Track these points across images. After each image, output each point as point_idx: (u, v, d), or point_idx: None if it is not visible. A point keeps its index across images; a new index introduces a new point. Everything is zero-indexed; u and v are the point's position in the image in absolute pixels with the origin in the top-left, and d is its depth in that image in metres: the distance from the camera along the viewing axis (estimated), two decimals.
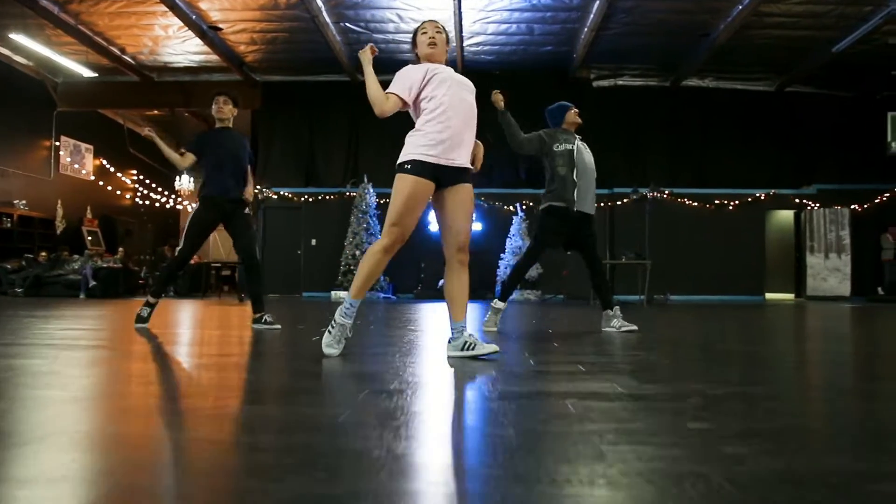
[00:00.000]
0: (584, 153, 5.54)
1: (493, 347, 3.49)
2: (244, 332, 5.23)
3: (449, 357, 3.54)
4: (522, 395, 2.46)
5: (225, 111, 5.65)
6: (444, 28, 3.85)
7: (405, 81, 3.58)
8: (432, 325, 6.38)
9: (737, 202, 15.70)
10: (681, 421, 2.04)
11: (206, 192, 5.56)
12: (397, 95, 3.55)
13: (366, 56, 3.69)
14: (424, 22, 3.87)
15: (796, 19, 12.77)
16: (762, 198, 15.75)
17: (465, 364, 3.29)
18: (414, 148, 3.51)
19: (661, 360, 3.71)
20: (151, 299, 5.45)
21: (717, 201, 15.69)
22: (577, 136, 5.64)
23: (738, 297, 15.03)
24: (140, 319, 5.36)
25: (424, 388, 2.65)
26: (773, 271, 16.20)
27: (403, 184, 3.48)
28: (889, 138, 14.19)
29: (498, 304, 5.58)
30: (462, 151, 3.57)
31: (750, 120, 16.21)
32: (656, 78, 16.15)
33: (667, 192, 15.07)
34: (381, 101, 3.53)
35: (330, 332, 3.55)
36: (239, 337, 4.87)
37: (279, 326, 5.35)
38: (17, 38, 12.64)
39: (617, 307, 5.50)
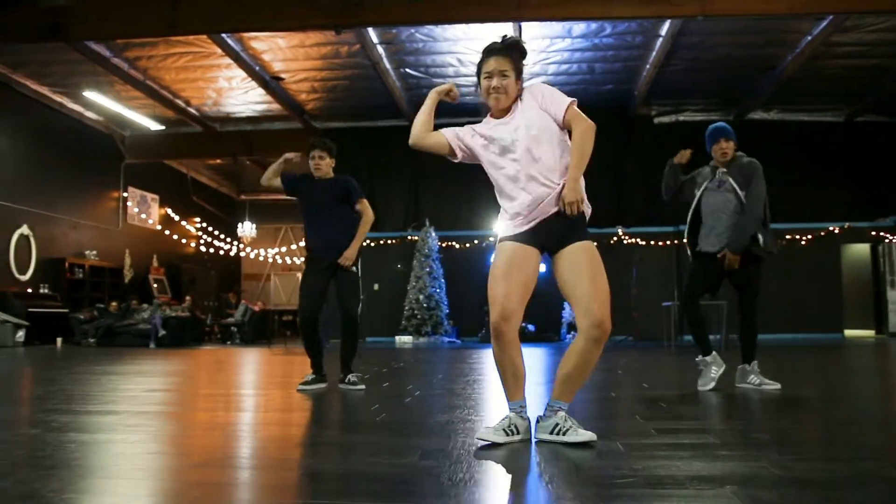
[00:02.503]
0: (713, 193, 5.00)
1: (590, 435, 2.82)
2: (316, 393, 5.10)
3: (537, 440, 2.97)
4: (663, 481, 2.25)
5: (322, 167, 5.19)
6: (513, 56, 3.06)
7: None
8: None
9: (809, 237, 15.17)
10: None
11: (307, 245, 5.31)
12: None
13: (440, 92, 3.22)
14: (486, 59, 3.07)
15: (868, 48, 12.40)
16: (836, 231, 15.19)
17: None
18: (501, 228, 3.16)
19: (802, 429, 3.44)
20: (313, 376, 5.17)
21: (787, 236, 15.18)
22: (721, 171, 5.00)
23: (816, 334, 14.43)
24: (304, 382, 5.11)
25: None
26: (850, 307, 15.54)
27: (494, 255, 3.12)
28: None
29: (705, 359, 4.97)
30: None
31: (819, 152, 15.71)
32: (719, 112, 15.83)
33: None
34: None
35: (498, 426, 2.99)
36: (306, 398, 4.74)
37: (363, 387, 5.10)
38: (90, 94, 13.01)
39: (755, 362, 4.96)
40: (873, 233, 15.20)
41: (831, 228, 15.19)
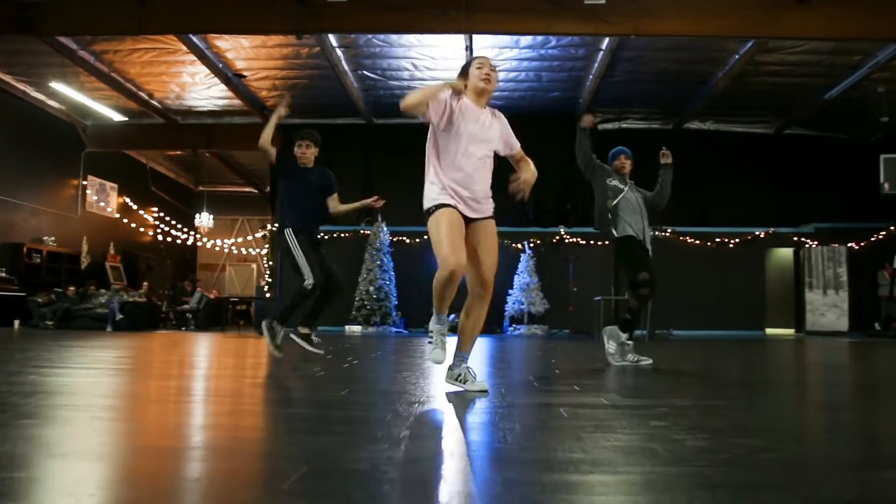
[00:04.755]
0: (633, 194, 6.21)
1: (483, 386, 3.69)
2: (262, 360, 5.79)
3: (446, 381, 3.80)
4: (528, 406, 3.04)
5: (308, 155, 5.76)
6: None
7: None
8: None
9: (737, 240, 16.29)
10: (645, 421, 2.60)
11: (290, 222, 5.64)
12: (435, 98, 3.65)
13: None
14: (481, 56, 3.96)
15: (791, 67, 13.48)
16: (762, 236, 16.34)
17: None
18: (430, 198, 3.77)
19: (648, 382, 4.28)
20: (277, 326, 5.51)
21: (717, 239, 16.27)
22: (631, 182, 6.32)
23: (739, 331, 15.51)
24: (274, 341, 5.44)
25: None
26: (774, 307, 16.70)
27: (436, 219, 3.68)
28: (882, 179, 14.75)
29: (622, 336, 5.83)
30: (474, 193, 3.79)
31: (750, 161, 16.89)
32: (659, 121, 16.89)
33: (669, 230, 15.70)
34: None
35: (430, 343, 3.75)
36: (255, 364, 5.45)
37: (322, 352, 5.70)
38: (56, 85, 13.42)
39: (631, 343, 5.83)
40: (795, 238, 16.38)
41: (757, 233, 16.33)
